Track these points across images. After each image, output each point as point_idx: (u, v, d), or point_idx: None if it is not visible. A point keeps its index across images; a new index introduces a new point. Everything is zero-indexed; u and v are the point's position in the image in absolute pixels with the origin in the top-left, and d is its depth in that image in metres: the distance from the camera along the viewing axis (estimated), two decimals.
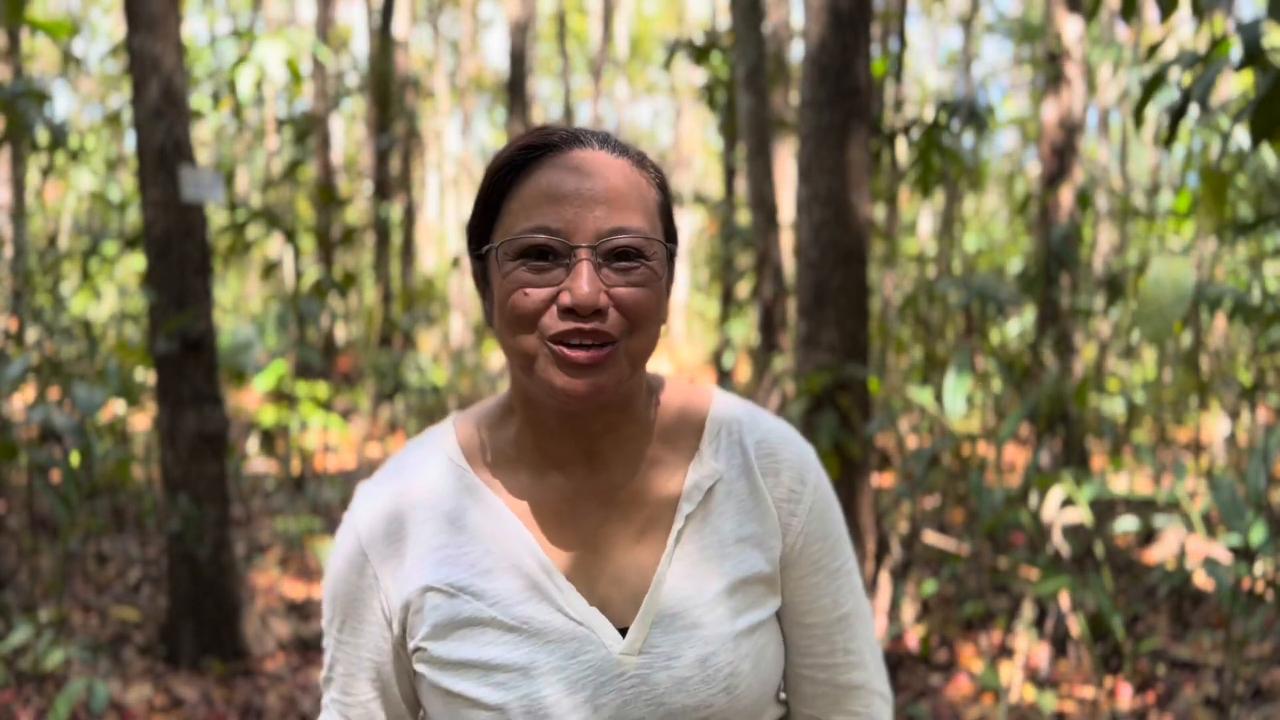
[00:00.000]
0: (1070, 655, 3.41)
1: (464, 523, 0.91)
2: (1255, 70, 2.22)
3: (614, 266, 0.83)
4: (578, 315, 0.82)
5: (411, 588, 0.90)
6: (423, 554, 0.90)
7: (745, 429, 0.96)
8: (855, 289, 3.46)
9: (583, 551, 0.90)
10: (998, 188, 12.14)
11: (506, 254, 0.84)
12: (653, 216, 0.87)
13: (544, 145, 0.86)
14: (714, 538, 0.91)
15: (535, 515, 0.91)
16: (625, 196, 0.85)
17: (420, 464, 0.95)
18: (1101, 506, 4.04)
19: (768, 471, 0.94)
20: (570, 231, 0.83)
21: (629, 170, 0.87)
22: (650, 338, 0.86)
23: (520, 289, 0.83)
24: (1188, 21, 5.15)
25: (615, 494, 0.92)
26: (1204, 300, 3.60)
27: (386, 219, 9.89)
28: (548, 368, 0.83)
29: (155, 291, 3.48)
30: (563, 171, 0.85)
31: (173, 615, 3.56)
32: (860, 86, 3.42)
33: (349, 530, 0.94)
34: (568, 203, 0.83)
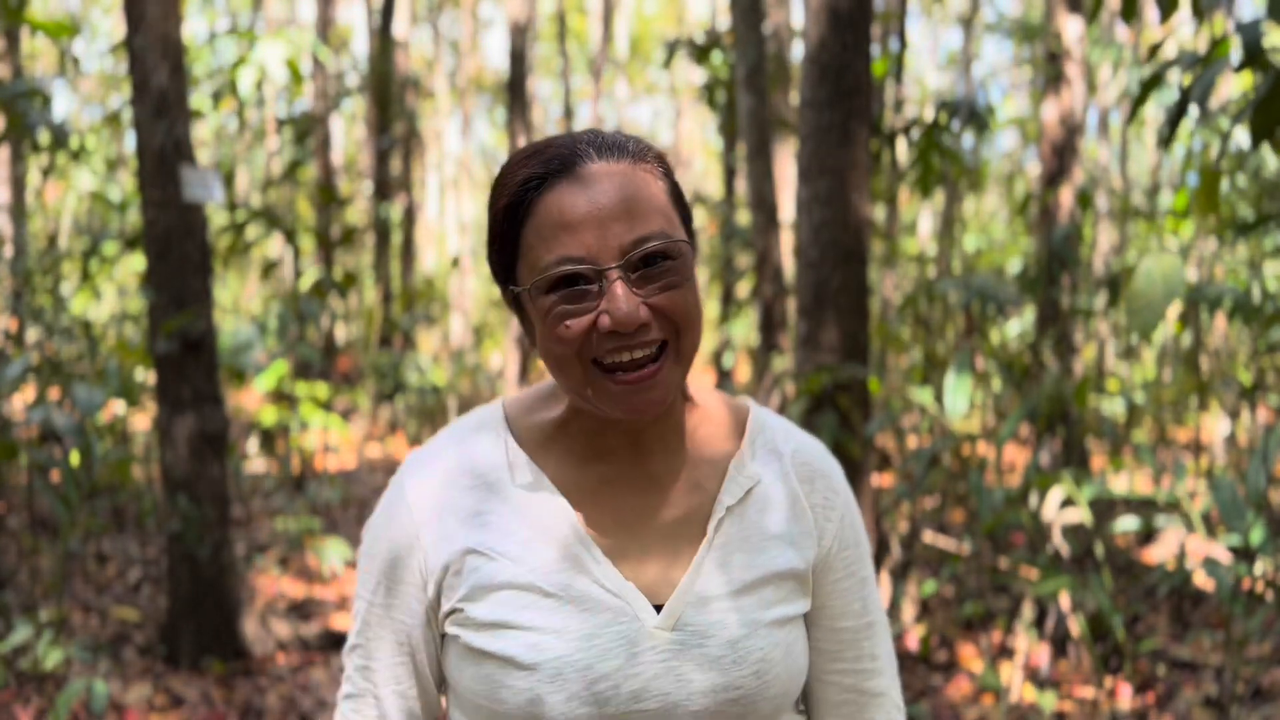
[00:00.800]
0: (1070, 655, 3.41)
1: (508, 494, 0.93)
2: (1255, 71, 2.22)
3: (645, 274, 0.84)
4: (621, 335, 0.83)
5: (454, 549, 0.91)
6: (467, 519, 0.92)
7: (781, 438, 1.00)
8: (855, 289, 3.46)
9: (621, 533, 0.92)
10: (998, 188, 12.14)
11: (538, 288, 0.85)
12: (668, 212, 0.88)
13: (544, 174, 0.87)
14: (751, 531, 0.94)
15: (577, 495, 0.93)
16: (638, 203, 0.85)
17: (470, 436, 0.97)
18: (1101, 506, 4.04)
19: (803, 479, 0.98)
20: (595, 255, 0.84)
21: (633, 172, 0.87)
22: (696, 335, 0.87)
23: (560, 324, 0.84)
24: (1188, 22, 5.15)
25: (656, 483, 0.94)
26: (1204, 300, 3.60)
27: (386, 219, 9.89)
28: (603, 396, 0.86)
29: (155, 291, 3.48)
30: (572, 195, 0.85)
31: (173, 615, 3.56)
32: (860, 86, 3.42)
33: (396, 491, 0.96)
34: (585, 227, 0.84)
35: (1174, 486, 3.48)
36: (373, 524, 0.98)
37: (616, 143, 0.89)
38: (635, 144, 0.90)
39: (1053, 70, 4.85)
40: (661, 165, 0.91)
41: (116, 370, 4.48)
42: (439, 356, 10.96)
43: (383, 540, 0.95)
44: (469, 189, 14.93)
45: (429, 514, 0.94)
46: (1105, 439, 5.13)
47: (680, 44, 7.41)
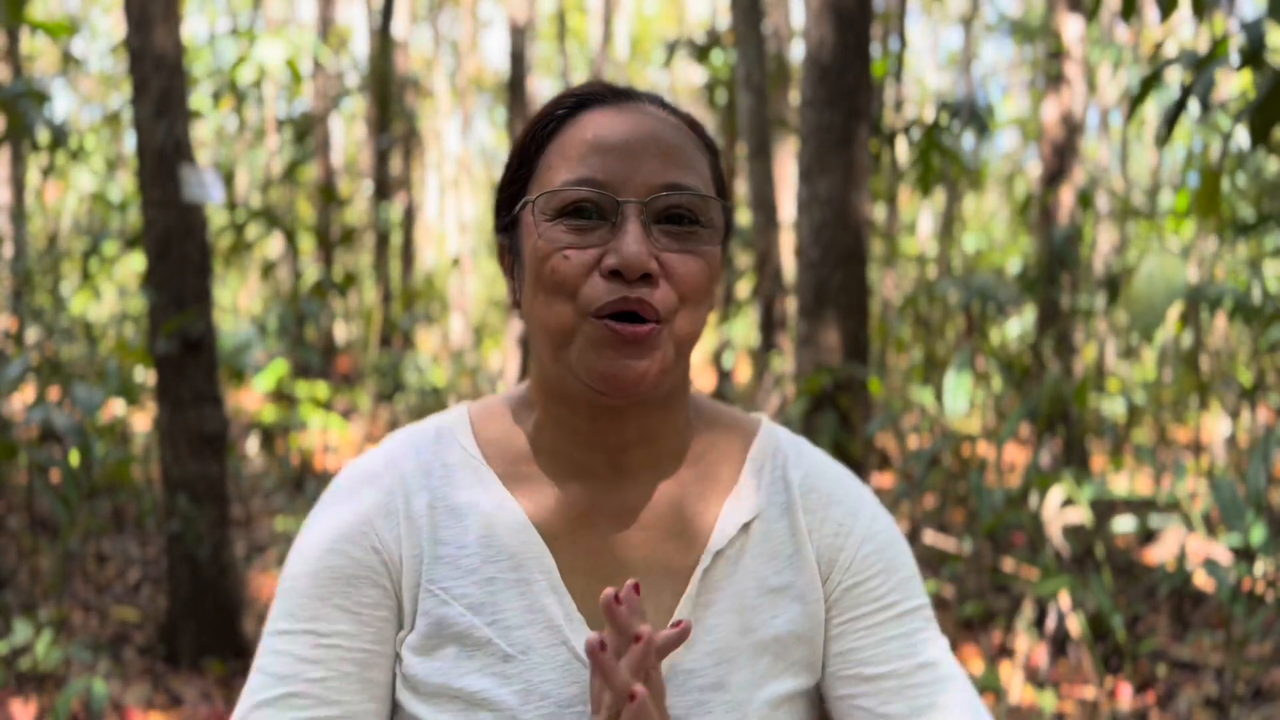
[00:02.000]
0: (1070, 656, 3.41)
1: (472, 521, 0.78)
2: (1255, 70, 2.22)
3: (665, 229, 0.73)
4: (624, 280, 0.71)
5: (411, 572, 0.77)
6: (423, 543, 0.77)
7: (791, 462, 0.84)
8: (855, 289, 3.46)
9: (594, 578, 0.77)
10: (998, 188, 12.14)
11: (544, 212, 0.73)
12: (708, 181, 0.77)
13: (590, 96, 0.77)
14: (745, 584, 0.78)
15: (551, 528, 0.78)
16: (680, 152, 0.75)
17: (432, 444, 0.82)
18: (1102, 507, 4.04)
19: (812, 508, 0.82)
20: (618, 185, 0.72)
21: (684, 129, 0.78)
22: (698, 320, 0.75)
23: (559, 251, 0.72)
24: (1188, 21, 5.15)
25: (637, 516, 0.79)
26: (1204, 300, 3.60)
27: (386, 219, 9.89)
28: (587, 349, 0.72)
29: (155, 291, 3.48)
30: (611, 119, 0.75)
31: (172, 615, 3.56)
32: (861, 86, 3.42)
33: (347, 492, 0.80)
34: (616, 153, 0.73)
35: (1174, 487, 3.48)
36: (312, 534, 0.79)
37: (676, 106, 0.80)
38: (694, 118, 0.80)
39: (1053, 70, 4.85)
40: (712, 151, 0.80)
41: (116, 370, 4.48)
42: (439, 357, 10.97)
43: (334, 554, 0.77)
44: (469, 189, 14.94)
45: (389, 521, 0.78)
46: (1105, 439, 5.13)
47: (680, 44, 7.40)
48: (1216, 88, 2.39)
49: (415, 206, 12.42)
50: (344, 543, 0.78)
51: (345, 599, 0.77)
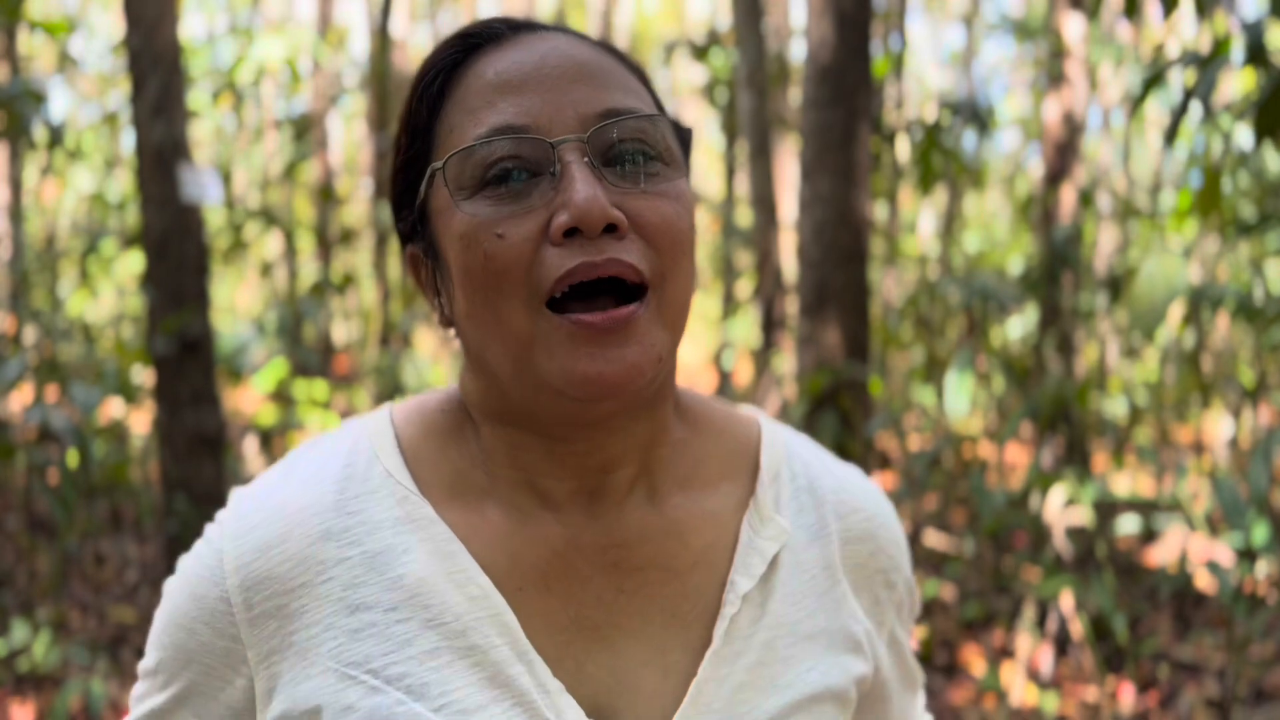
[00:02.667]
0: (1072, 656, 3.40)
1: (401, 573, 0.58)
2: (1257, 70, 2.21)
3: (618, 173, 0.57)
4: (584, 237, 0.54)
5: (305, 683, 0.57)
6: (331, 616, 0.57)
7: (816, 470, 0.68)
8: (856, 289, 3.45)
9: (579, 636, 0.60)
10: (999, 187, 12.14)
11: (459, 187, 0.56)
12: (649, 104, 0.61)
13: (479, 34, 0.61)
14: (775, 631, 0.62)
15: (511, 576, 0.59)
16: (609, 73, 0.59)
17: (337, 473, 0.61)
18: (1104, 507, 4.03)
19: (853, 537, 0.67)
20: (545, 123, 0.56)
21: (602, 50, 0.62)
22: (687, 279, 0.58)
23: (489, 234, 0.55)
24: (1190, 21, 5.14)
25: (631, 551, 0.62)
26: (1206, 300, 3.59)
27: (385, 219, 9.88)
28: (556, 349, 0.55)
29: (153, 291, 3.47)
30: (514, 52, 0.59)
31: None
32: (861, 85, 3.41)
33: (208, 555, 0.61)
34: (532, 86, 0.57)
35: (1176, 487, 3.47)
36: (172, 595, 0.62)
37: (579, 33, 0.63)
38: (610, 44, 0.64)
39: (1054, 69, 4.84)
40: (641, 74, 0.64)
41: (114, 370, 4.47)
42: (438, 357, 10.95)
43: (182, 629, 0.60)
44: None
45: (259, 607, 0.58)
46: (1107, 439, 5.12)
47: (680, 43, 7.39)
48: (1219, 88, 2.38)
49: None
50: (193, 619, 0.60)
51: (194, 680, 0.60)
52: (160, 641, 0.62)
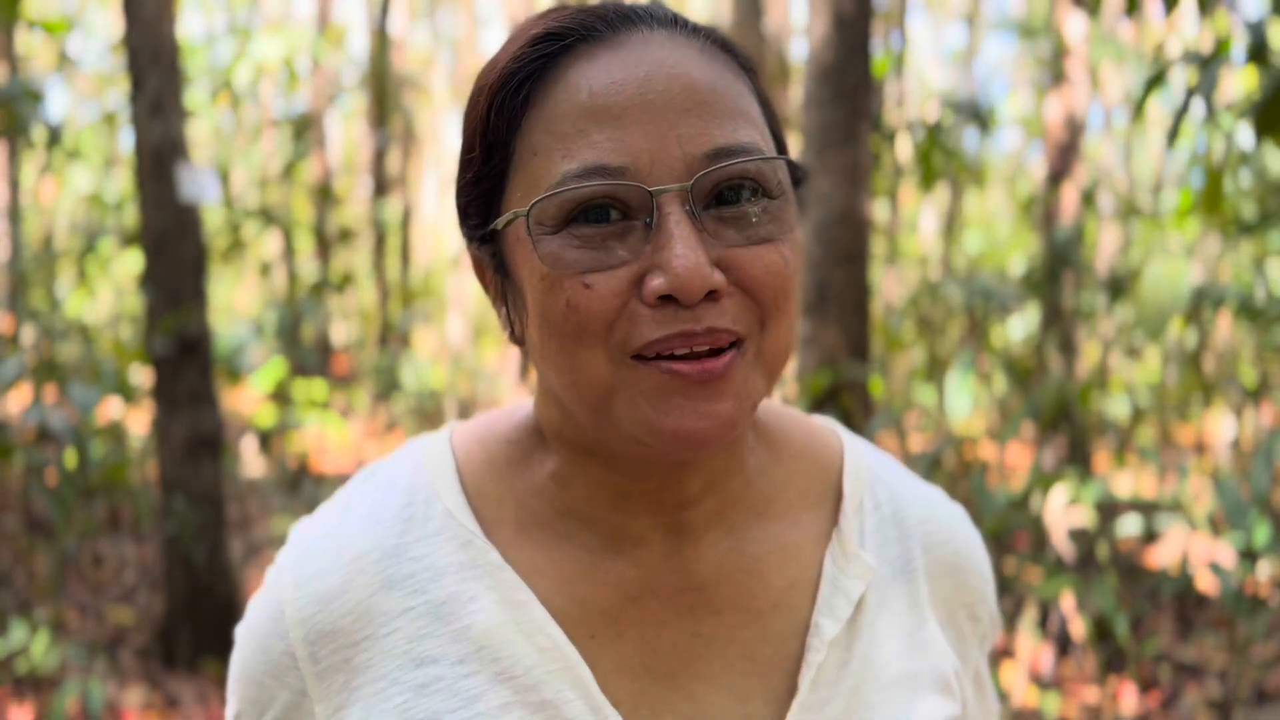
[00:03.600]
0: (1074, 657, 3.39)
1: (468, 623, 0.55)
2: (1259, 69, 2.20)
3: (723, 215, 0.51)
4: (680, 304, 0.49)
5: (378, 714, 0.55)
6: (396, 670, 0.55)
7: (902, 499, 0.64)
8: (857, 288, 3.44)
9: (654, 684, 0.56)
10: (1001, 187, 12.13)
11: (540, 224, 0.50)
12: (760, 124, 0.54)
13: (572, 31, 0.52)
14: (863, 675, 0.58)
15: (583, 622, 0.56)
16: (722, 94, 0.52)
17: (396, 515, 0.58)
18: (1105, 508, 4.03)
19: (940, 571, 0.62)
20: (645, 166, 0.50)
21: (713, 55, 0.54)
22: (789, 329, 0.53)
23: (575, 280, 0.50)
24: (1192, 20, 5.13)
25: (708, 594, 0.58)
26: (1208, 300, 3.58)
27: (384, 218, 9.87)
28: (641, 402, 0.51)
29: (151, 291, 3.46)
30: (613, 64, 0.51)
31: (169, 616, 3.54)
32: (862, 84, 3.40)
33: (271, 605, 0.58)
34: (632, 117, 0.50)
35: (1178, 488, 3.46)
36: (242, 646, 0.60)
37: (682, 19, 0.55)
38: (716, 30, 0.56)
39: (1056, 69, 4.83)
40: (748, 67, 0.56)
41: (113, 370, 4.45)
42: (437, 357, 10.95)
43: (250, 682, 0.58)
44: None
45: (325, 660, 0.56)
46: (1109, 440, 5.11)
47: None
48: (1220, 87, 2.37)
49: (413, 205, 12.41)
50: (261, 673, 0.58)
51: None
52: (236, 692, 0.60)
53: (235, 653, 0.61)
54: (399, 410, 8.55)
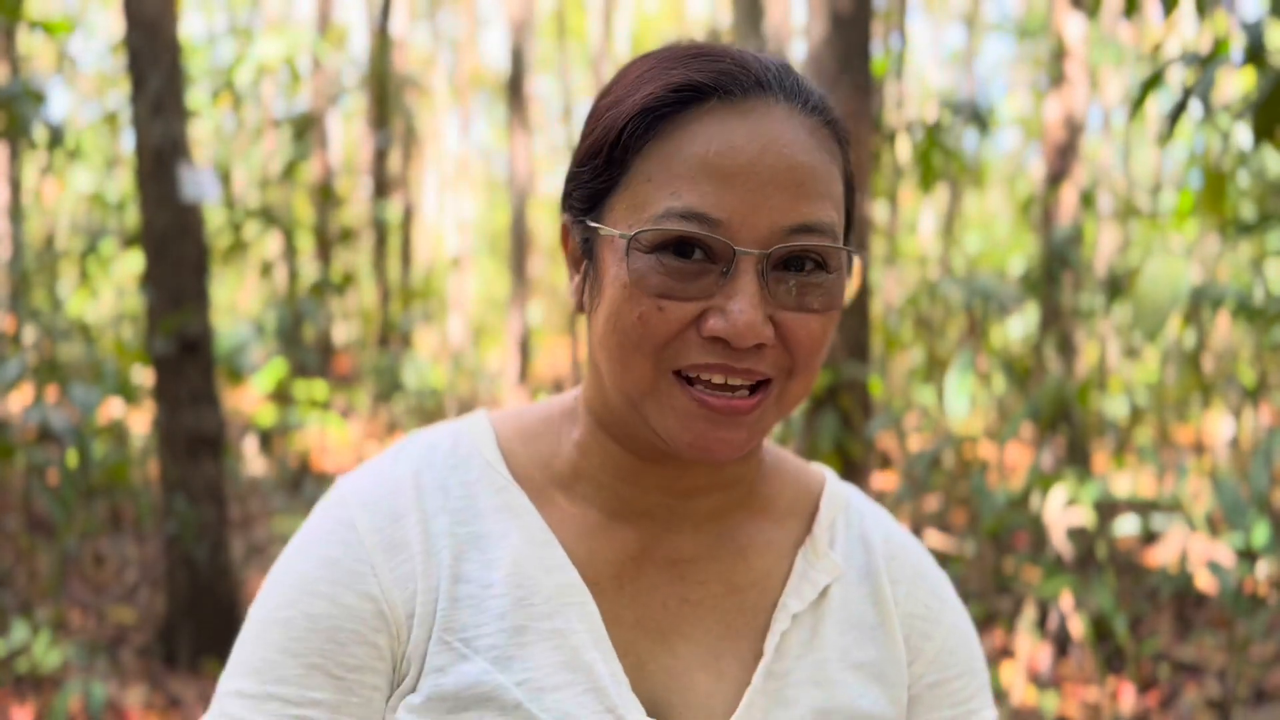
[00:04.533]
0: (1073, 657, 3.39)
1: (498, 554, 0.64)
2: (1257, 69, 2.21)
3: (785, 279, 0.59)
4: (729, 348, 0.58)
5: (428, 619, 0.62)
6: (442, 581, 0.63)
7: (869, 522, 0.73)
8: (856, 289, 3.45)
9: (643, 636, 0.65)
10: (1000, 187, 12.13)
11: (637, 242, 0.59)
12: (840, 209, 0.63)
13: (707, 88, 0.60)
14: (826, 653, 0.67)
15: (589, 570, 0.65)
16: (815, 177, 0.60)
17: (445, 460, 0.67)
18: (1104, 508, 4.04)
19: (898, 579, 0.72)
20: (736, 226, 0.58)
21: (820, 137, 0.62)
22: (810, 381, 0.63)
23: (652, 300, 0.58)
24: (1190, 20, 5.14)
25: (697, 566, 0.67)
26: (1207, 300, 3.59)
27: (384, 218, 9.88)
28: (669, 413, 0.60)
29: (152, 291, 3.46)
30: (733, 131, 0.59)
31: (170, 616, 3.55)
32: (862, 85, 3.41)
33: (338, 525, 0.64)
34: (737, 183, 0.58)
35: (1177, 487, 3.47)
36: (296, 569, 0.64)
37: (810, 90, 0.63)
38: (829, 105, 0.64)
39: (1055, 69, 4.83)
40: (844, 147, 0.64)
41: (114, 370, 4.46)
42: (437, 357, 10.95)
43: (322, 598, 0.62)
44: (468, 188, 14.92)
45: (391, 559, 0.63)
46: (1108, 439, 5.12)
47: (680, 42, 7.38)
48: (1218, 87, 2.38)
49: (414, 206, 12.41)
50: (330, 585, 0.62)
51: (325, 659, 0.61)
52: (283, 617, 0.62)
53: (284, 577, 0.64)
54: (399, 410, 8.56)
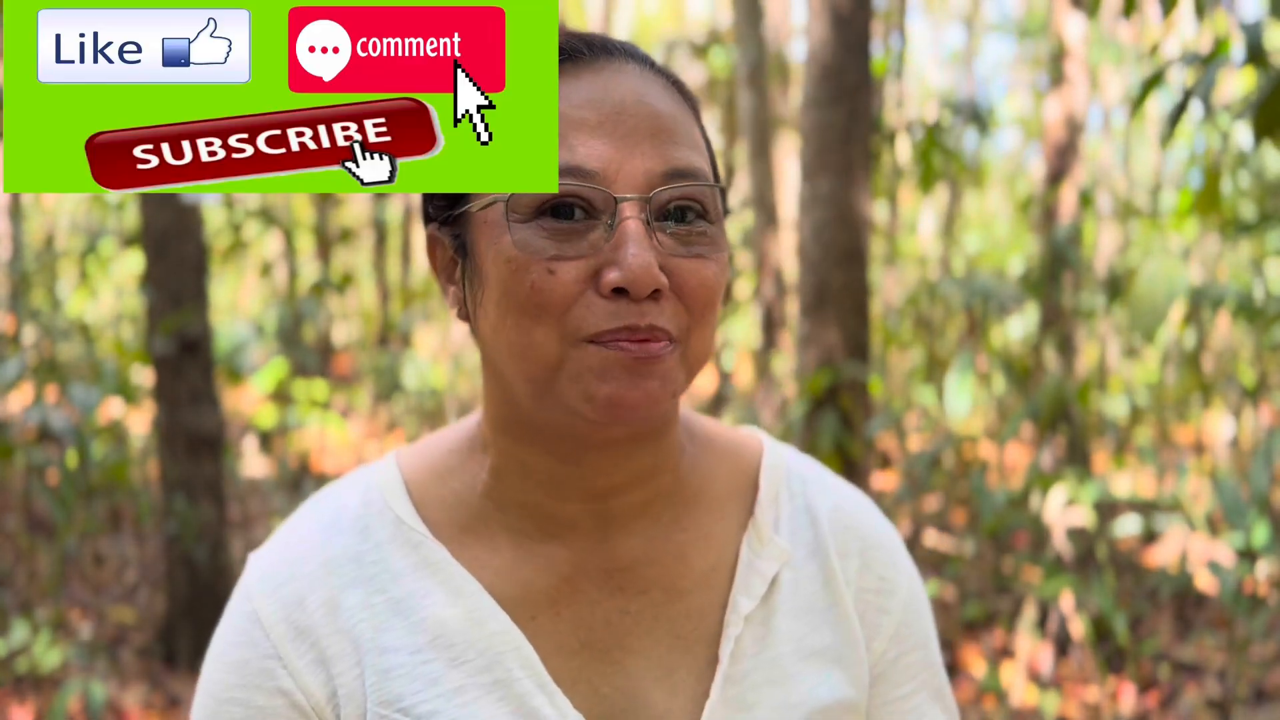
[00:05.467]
0: (1073, 657, 3.39)
1: (422, 615, 0.61)
2: (1257, 69, 2.21)
3: (669, 230, 0.58)
4: (629, 298, 0.56)
5: (351, 693, 0.60)
6: (367, 656, 0.61)
7: (813, 489, 0.70)
8: (857, 289, 3.45)
9: (591, 659, 0.63)
10: (1000, 187, 12.13)
11: (515, 212, 0.57)
12: (705, 158, 0.62)
13: (560, 52, 0.59)
14: (781, 648, 0.64)
15: (524, 605, 0.62)
16: (679, 126, 0.60)
17: (352, 525, 0.64)
18: (1104, 507, 4.04)
19: (848, 551, 0.68)
20: (612, 174, 0.57)
21: (671, 90, 0.62)
22: (710, 336, 0.61)
23: (540, 266, 0.56)
24: (1190, 20, 5.14)
25: (635, 574, 0.64)
26: (1207, 300, 3.59)
27: (384, 218, 9.88)
28: (585, 375, 0.57)
29: (152, 291, 3.46)
30: (593, 85, 0.59)
31: (171, 616, 3.55)
32: (862, 85, 3.41)
33: (243, 620, 0.63)
34: (605, 132, 0.57)
35: (1177, 487, 3.47)
36: (211, 680, 0.64)
37: (651, 60, 0.63)
38: (672, 73, 0.64)
39: (1054, 69, 4.83)
40: (695, 111, 0.64)
41: (114, 370, 4.46)
42: (438, 357, 10.95)
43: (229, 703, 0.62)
44: None
45: (306, 654, 0.61)
46: (1108, 439, 5.12)
47: (680, 43, 7.39)
48: (1218, 87, 2.38)
49: (413, 205, 12.41)
50: (243, 689, 0.62)
51: None
52: None
53: (204, 687, 0.64)
54: (399, 410, 8.56)
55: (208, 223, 4.07)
